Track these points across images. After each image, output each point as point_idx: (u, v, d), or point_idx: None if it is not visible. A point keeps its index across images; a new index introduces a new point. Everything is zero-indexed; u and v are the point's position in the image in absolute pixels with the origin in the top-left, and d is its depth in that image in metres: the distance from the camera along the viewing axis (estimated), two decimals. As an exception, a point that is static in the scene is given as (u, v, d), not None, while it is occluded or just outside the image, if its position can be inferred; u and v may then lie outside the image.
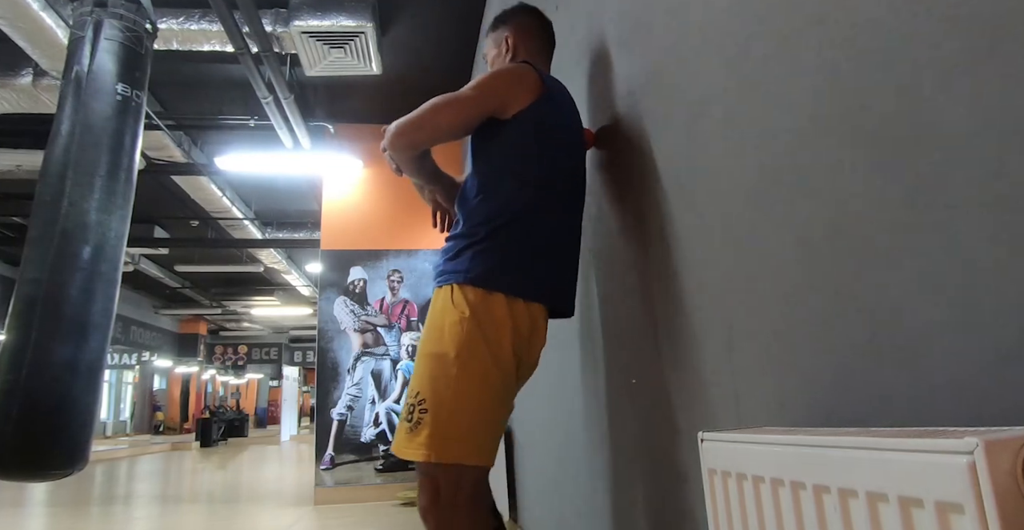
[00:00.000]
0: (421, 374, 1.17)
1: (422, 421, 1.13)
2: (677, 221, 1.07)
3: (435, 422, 1.12)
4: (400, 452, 1.16)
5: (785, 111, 0.75)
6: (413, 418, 1.13)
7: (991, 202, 0.49)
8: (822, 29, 0.68)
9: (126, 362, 14.01)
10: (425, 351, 1.19)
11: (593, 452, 1.61)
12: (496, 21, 1.53)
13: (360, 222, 4.54)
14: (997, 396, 0.48)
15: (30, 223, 2.23)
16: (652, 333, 1.19)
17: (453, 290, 1.20)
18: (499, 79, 1.31)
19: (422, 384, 1.16)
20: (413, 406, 1.15)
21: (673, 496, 1.09)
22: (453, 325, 1.17)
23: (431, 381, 1.15)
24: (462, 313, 1.17)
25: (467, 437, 1.14)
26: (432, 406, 1.13)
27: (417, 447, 1.12)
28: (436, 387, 1.14)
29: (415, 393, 1.16)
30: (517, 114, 1.28)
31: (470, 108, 1.28)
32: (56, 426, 2.08)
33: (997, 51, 0.48)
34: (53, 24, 3.05)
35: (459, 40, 3.79)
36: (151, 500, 5.05)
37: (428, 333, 1.20)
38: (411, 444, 1.13)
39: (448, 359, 1.15)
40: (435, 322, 1.20)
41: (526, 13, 1.53)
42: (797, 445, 0.55)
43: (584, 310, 1.65)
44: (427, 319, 1.24)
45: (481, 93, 1.28)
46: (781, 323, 0.77)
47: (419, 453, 1.12)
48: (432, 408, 1.13)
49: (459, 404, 1.13)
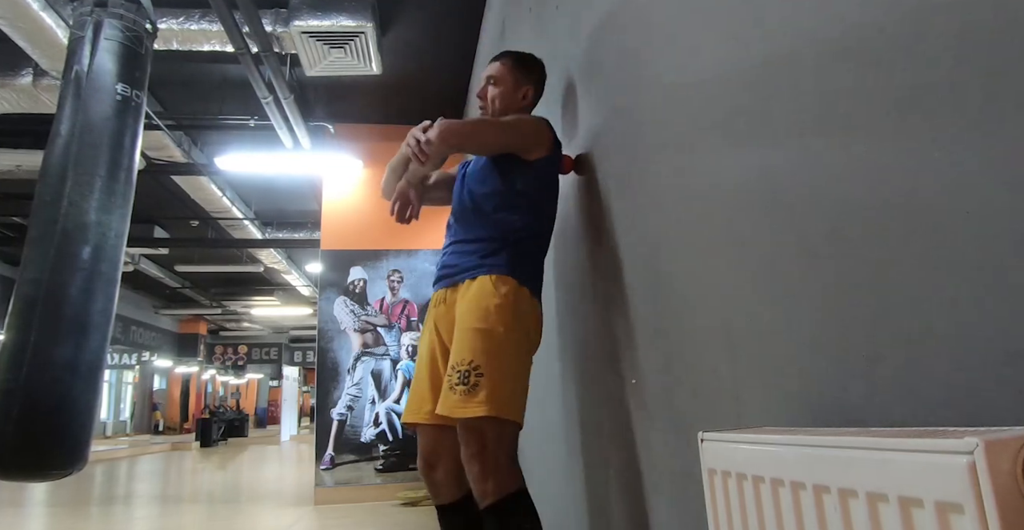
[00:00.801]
0: (472, 346, 1.37)
1: (479, 384, 1.33)
2: (676, 221, 1.07)
3: (491, 384, 1.33)
4: (455, 411, 1.33)
5: (786, 110, 0.75)
6: (470, 381, 1.33)
7: (991, 202, 0.49)
8: (821, 25, 0.68)
9: (126, 362, 14.01)
10: (472, 326, 1.39)
11: (593, 452, 1.61)
12: (519, 64, 1.72)
13: (360, 222, 4.54)
14: (997, 396, 0.48)
15: (30, 223, 2.23)
16: (651, 333, 1.19)
17: (494, 279, 1.44)
18: (531, 126, 1.58)
19: (474, 353, 1.36)
20: (468, 372, 1.34)
21: (673, 496, 1.09)
22: (499, 307, 1.41)
23: (483, 352, 1.36)
24: (504, 297, 1.42)
25: (512, 398, 1.37)
26: (487, 371, 1.34)
27: (477, 405, 1.31)
28: (488, 356, 1.36)
29: (467, 361, 1.35)
30: (539, 159, 1.56)
31: (508, 136, 1.56)
32: (56, 426, 2.08)
33: (996, 54, 0.48)
34: (53, 24, 3.05)
35: (459, 40, 3.79)
36: (151, 500, 5.05)
37: (473, 312, 1.42)
38: (470, 403, 1.31)
39: (497, 333, 1.38)
40: (480, 303, 1.42)
41: (544, 74, 1.77)
42: (797, 445, 0.55)
43: (584, 310, 1.65)
44: (468, 301, 1.45)
45: (519, 131, 1.56)
46: (781, 323, 0.77)
47: (480, 409, 1.30)
48: (487, 373, 1.34)
49: (509, 371, 1.37)
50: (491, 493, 1.32)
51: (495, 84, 1.69)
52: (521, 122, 1.59)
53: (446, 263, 1.58)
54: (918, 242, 0.56)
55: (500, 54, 1.74)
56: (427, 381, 1.52)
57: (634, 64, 1.25)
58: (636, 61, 1.23)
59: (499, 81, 1.69)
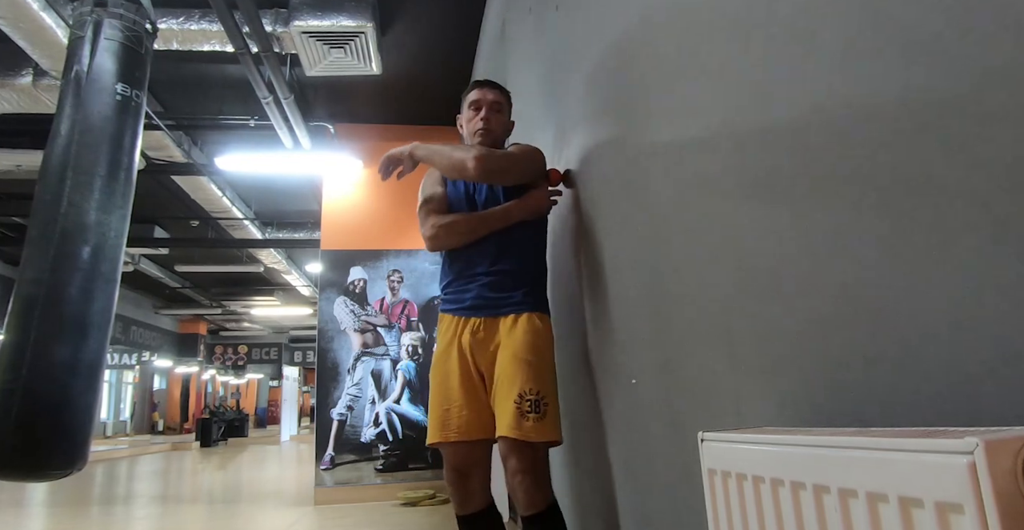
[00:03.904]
0: (537, 377, 1.52)
1: (547, 412, 1.50)
2: (676, 221, 1.06)
3: (554, 412, 1.52)
4: (530, 436, 1.46)
5: (786, 110, 0.75)
6: (541, 409, 1.49)
7: (991, 202, 0.49)
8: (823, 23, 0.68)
9: (126, 362, 14.01)
10: (530, 359, 1.54)
11: (593, 452, 1.61)
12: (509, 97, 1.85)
13: (360, 222, 4.54)
14: (997, 396, 0.48)
15: (30, 223, 2.23)
16: (651, 333, 1.19)
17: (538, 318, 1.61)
18: (542, 156, 1.73)
19: (540, 385, 1.52)
20: (538, 401, 1.49)
21: (673, 496, 1.09)
22: (547, 342, 1.61)
23: (545, 383, 1.54)
24: (548, 333, 1.63)
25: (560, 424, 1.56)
26: (550, 401, 1.52)
27: (550, 430, 1.49)
28: (548, 387, 1.54)
29: (536, 391, 1.50)
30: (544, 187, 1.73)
31: (533, 168, 1.70)
32: (56, 426, 2.08)
33: (997, 52, 0.48)
34: (53, 24, 3.05)
35: (459, 40, 3.79)
36: (151, 500, 5.05)
37: (528, 347, 1.56)
38: (544, 429, 1.48)
39: (550, 366, 1.59)
40: (534, 340, 1.57)
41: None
42: (797, 445, 0.55)
43: (584, 311, 1.65)
44: (521, 335, 1.57)
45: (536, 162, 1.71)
46: (781, 323, 0.77)
47: (550, 435, 1.49)
48: (551, 402, 1.52)
49: (556, 399, 1.56)
50: (541, 502, 1.48)
51: (499, 111, 1.78)
52: (536, 153, 1.71)
53: (482, 294, 1.64)
54: (918, 242, 0.56)
55: (492, 83, 1.82)
56: (464, 402, 1.60)
57: (635, 64, 1.24)
58: (637, 61, 1.23)
59: (503, 110, 1.79)
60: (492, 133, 1.75)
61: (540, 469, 1.50)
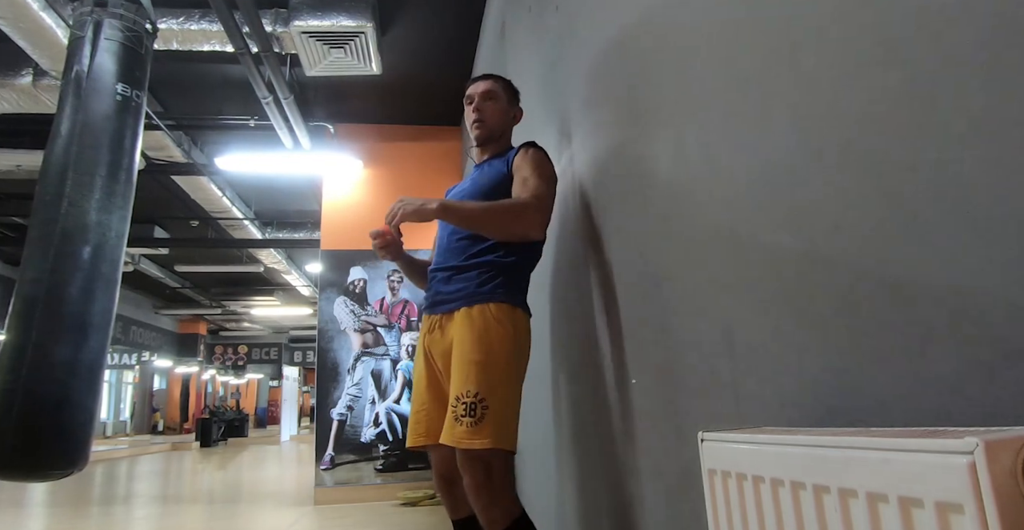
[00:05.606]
0: (476, 378, 1.39)
1: (485, 416, 1.36)
2: (676, 221, 1.07)
3: (496, 417, 1.37)
4: (462, 442, 1.35)
5: (786, 110, 0.75)
6: (476, 413, 1.36)
7: (991, 202, 0.49)
8: (823, 25, 0.68)
9: (126, 362, 14.00)
10: (474, 358, 1.41)
11: (593, 452, 1.61)
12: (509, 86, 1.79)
13: (360, 222, 4.53)
14: (997, 396, 0.48)
15: (30, 223, 2.23)
16: (651, 333, 1.19)
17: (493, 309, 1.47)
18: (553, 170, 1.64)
19: (479, 386, 1.38)
20: (474, 404, 1.36)
21: (673, 496, 1.09)
22: (501, 338, 1.44)
23: (487, 384, 1.39)
24: (506, 328, 1.45)
25: (512, 429, 1.41)
26: (492, 404, 1.37)
27: (485, 437, 1.34)
28: (492, 388, 1.39)
29: (472, 393, 1.37)
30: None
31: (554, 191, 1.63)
32: (56, 426, 2.07)
33: (1000, 47, 0.48)
34: (53, 24, 3.05)
35: (459, 40, 3.79)
36: (151, 500, 5.05)
37: (474, 343, 1.43)
38: (478, 434, 1.35)
39: (499, 365, 1.42)
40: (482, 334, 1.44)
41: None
42: (797, 445, 0.55)
43: (584, 310, 1.65)
44: (468, 330, 1.45)
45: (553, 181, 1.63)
46: (781, 323, 0.77)
47: (487, 442, 1.34)
48: (492, 405, 1.37)
49: (509, 402, 1.42)
50: (499, 521, 1.37)
51: (492, 99, 1.72)
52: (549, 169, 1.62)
53: (439, 290, 1.58)
54: (918, 241, 0.56)
55: (485, 75, 1.78)
56: (430, 405, 1.56)
57: (635, 64, 1.24)
58: (636, 61, 1.23)
59: (496, 97, 1.72)
60: (486, 124, 1.71)
61: (497, 483, 1.38)
